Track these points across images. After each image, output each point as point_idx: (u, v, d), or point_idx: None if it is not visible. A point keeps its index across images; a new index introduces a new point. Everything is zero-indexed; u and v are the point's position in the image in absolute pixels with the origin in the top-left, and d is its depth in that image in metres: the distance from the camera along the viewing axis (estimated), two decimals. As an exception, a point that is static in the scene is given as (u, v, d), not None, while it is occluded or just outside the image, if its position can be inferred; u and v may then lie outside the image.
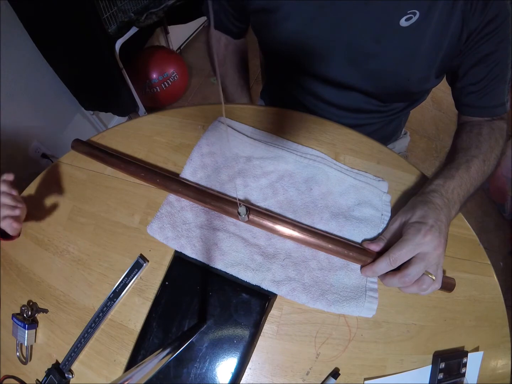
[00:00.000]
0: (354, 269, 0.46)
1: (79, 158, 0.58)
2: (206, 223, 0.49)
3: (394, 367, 0.44)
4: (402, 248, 0.40)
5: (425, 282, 0.40)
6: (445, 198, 0.44)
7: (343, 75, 0.56)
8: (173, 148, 0.57)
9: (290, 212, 0.50)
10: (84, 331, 0.47)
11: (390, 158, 0.55)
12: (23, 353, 0.49)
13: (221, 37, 0.69)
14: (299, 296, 0.44)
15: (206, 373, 0.42)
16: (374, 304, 0.45)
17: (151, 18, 1.18)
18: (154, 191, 0.53)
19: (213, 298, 0.44)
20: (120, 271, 0.49)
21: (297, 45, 0.54)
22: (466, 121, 0.56)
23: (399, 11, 0.46)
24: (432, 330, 0.46)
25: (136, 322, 0.47)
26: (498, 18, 0.45)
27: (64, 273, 0.51)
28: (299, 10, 0.51)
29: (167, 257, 0.49)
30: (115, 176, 0.56)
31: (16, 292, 0.52)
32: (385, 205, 0.51)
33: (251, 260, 0.46)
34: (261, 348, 0.44)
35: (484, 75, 0.50)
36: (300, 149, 0.55)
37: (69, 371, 0.47)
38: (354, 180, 0.52)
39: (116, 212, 0.53)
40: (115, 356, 0.46)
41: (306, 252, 0.48)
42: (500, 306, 0.48)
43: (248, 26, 0.67)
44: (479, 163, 0.48)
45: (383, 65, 0.52)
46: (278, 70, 0.71)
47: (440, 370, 0.44)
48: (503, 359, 0.47)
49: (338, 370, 0.44)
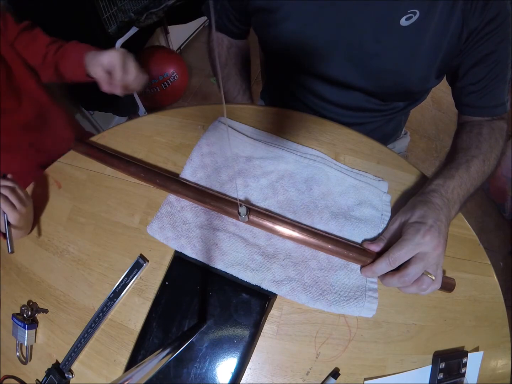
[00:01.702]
0: (354, 269, 0.46)
1: (79, 158, 0.58)
2: (206, 223, 0.49)
3: (394, 367, 0.44)
4: (401, 248, 0.40)
5: (425, 282, 0.40)
6: (445, 198, 0.44)
7: (343, 74, 0.56)
8: (173, 148, 0.57)
9: (290, 212, 0.50)
10: (84, 331, 0.47)
11: (390, 158, 0.55)
12: (23, 353, 0.49)
13: (223, 38, 0.69)
14: (299, 296, 0.45)
15: (206, 373, 0.42)
16: (374, 304, 0.45)
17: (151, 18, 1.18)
18: (154, 191, 0.53)
19: (213, 298, 0.44)
20: (120, 271, 0.49)
21: (297, 44, 0.54)
22: (466, 121, 0.56)
23: (399, 10, 0.46)
24: (432, 330, 0.46)
25: (136, 322, 0.47)
26: (498, 18, 0.45)
27: (64, 273, 0.51)
28: (299, 10, 0.51)
29: (167, 257, 0.49)
30: (115, 176, 0.56)
31: (16, 292, 0.52)
32: (385, 205, 0.51)
33: (251, 260, 0.46)
34: (261, 348, 0.44)
35: (484, 75, 0.50)
36: (300, 149, 0.55)
37: (69, 371, 0.47)
38: (354, 180, 0.52)
39: (116, 212, 0.53)
40: (115, 356, 0.46)
41: (306, 252, 0.48)
42: (500, 306, 0.48)
43: (249, 27, 0.67)
44: (479, 163, 0.48)
45: (384, 65, 0.52)
46: (279, 69, 0.71)
47: (440, 370, 0.44)
48: (503, 359, 0.47)
49: (338, 370, 0.44)
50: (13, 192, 0.49)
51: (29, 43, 0.66)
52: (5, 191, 0.48)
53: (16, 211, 0.48)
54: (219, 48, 0.70)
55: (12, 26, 0.65)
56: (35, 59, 0.68)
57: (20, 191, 0.50)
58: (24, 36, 0.66)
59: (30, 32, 0.67)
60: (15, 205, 0.48)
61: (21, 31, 0.65)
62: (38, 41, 0.67)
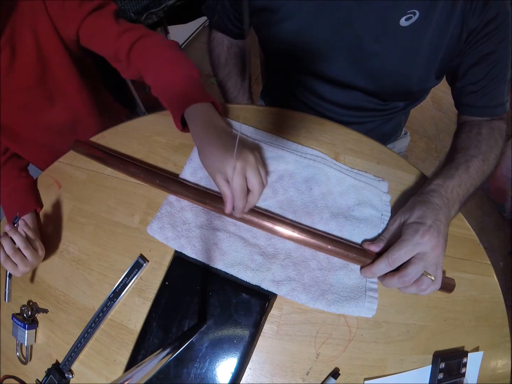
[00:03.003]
0: (354, 269, 0.46)
1: (79, 158, 0.58)
2: (206, 223, 0.49)
3: (394, 367, 0.44)
4: (400, 249, 0.40)
5: (424, 282, 0.40)
6: (445, 198, 0.44)
7: (343, 74, 0.56)
8: (173, 148, 0.57)
9: (290, 212, 0.50)
10: (84, 331, 0.47)
11: (390, 158, 0.55)
12: (23, 353, 0.49)
13: (224, 39, 0.69)
14: (299, 296, 0.45)
15: (206, 373, 0.42)
16: (374, 304, 0.45)
17: (151, 18, 1.18)
18: (154, 191, 0.53)
19: (213, 298, 0.44)
20: (120, 271, 0.49)
21: (297, 44, 0.54)
22: (465, 121, 0.56)
23: (399, 11, 0.46)
24: (432, 330, 0.46)
25: (136, 322, 0.47)
26: (498, 18, 0.45)
27: (64, 273, 0.51)
28: (300, 10, 0.51)
29: (167, 257, 0.49)
30: (115, 176, 0.56)
31: (16, 292, 0.52)
32: (385, 205, 0.51)
33: (251, 260, 0.46)
34: (261, 348, 0.44)
35: (484, 75, 0.50)
36: (300, 149, 0.55)
37: (69, 371, 0.47)
38: (354, 180, 0.52)
39: (116, 212, 0.53)
40: (115, 356, 0.46)
41: (306, 252, 0.48)
42: (500, 306, 0.48)
43: (250, 27, 0.67)
44: (478, 163, 0.48)
45: (384, 65, 0.52)
46: (279, 69, 0.71)
47: (440, 370, 0.44)
48: (503, 359, 0.47)
49: (338, 370, 0.44)
50: (23, 244, 0.46)
51: (96, 31, 0.54)
52: (8, 247, 0.45)
53: (22, 268, 0.47)
54: (219, 48, 0.70)
55: (74, 9, 0.52)
56: (106, 51, 0.56)
57: (30, 243, 0.47)
58: (91, 21, 0.53)
59: (99, 15, 0.53)
60: (21, 264, 0.46)
61: (88, 13, 0.52)
62: (106, 31, 0.54)
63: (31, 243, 0.48)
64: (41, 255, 0.50)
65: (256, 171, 0.41)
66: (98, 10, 0.54)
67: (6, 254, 0.45)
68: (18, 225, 0.48)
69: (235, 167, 0.39)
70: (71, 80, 0.61)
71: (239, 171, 0.40)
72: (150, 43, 0.55)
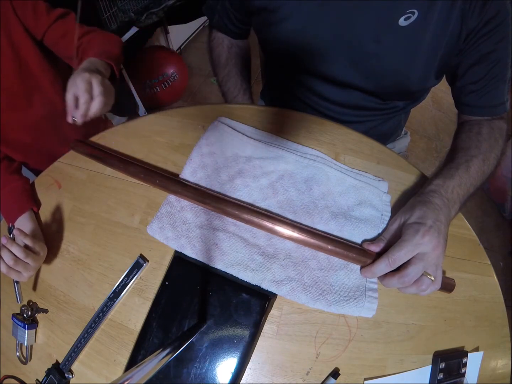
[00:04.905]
0: (354, 269, 0.46)
1: (79, 158, 0.58)
2: (206, 223, 0.49)
3: (394, 367, 0.44)
4: (401, 249, 0.40)
5: (424, 282, 0.40)
6: (445, 198, 0.44)
7: (343, 74, 0.56)
8: (173, 148, 0.57)
9: (290, 212, 0.50)
10: (84, 331, 0.47)
11: (390, 158, 0.55)
12: (23, 353, 0.49)
13: (224, 38, 0.70)
14: (299, 296, 0.45)
15: (206, 373, 0.42)
16: (374, 304, 0.45)
17: (151, 18, 1.18)
18: (154, 191, 0.53)
19: (213, 298, 0.44)
20: (120, 271, 0.49)
21: (297, 44, 0.54)
22: (466, 121, 0.56)
23: (398, 10, 0.46)
24: (432, 330, 0.46)
25: (136, 322, 0.47)
26: (497, 17, 0.45)
27: (64, 273, 0.51)
28: (299, 10, 0.51)
29: (167, 257, 0.49)
30: (115, 176, 0.56)
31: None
32: (385, 205, 0.51)
33: (251, 260, 0.46)
34: (261, 348, 0.44)
35: (484, 74, 0.50)
36: (300, 149, 0.55)
37: (69, 371, 0.47)
38: (354, 180, 0.52)
39: (116, 212, 0.53)
40: (115, 356, 0.46)
41: (306, 252, 0.48)
42: (500, 306, 0.48)
43: (250, 27, 0.67)
44: (478, 162, 0.48)
45: (383, 64, 0.52)
46: (279, 69, 0.71)
47: (440, 370, 0.44)
48: (503, 359, 0.47)
49: (338, 370, 0.44)
50: (22, 255, 0.46)
51: (63, 35, 0.61)
52: (9, 258, 0.45)
53: (26, 274, 0.47)
54: (219, 48, 0.70)
55: (44, 15, 0.59)
56: (68, 52, 0.62)
57: (30, 249, 0.47)
58: (57, 27, 0.60)
59: (64, 22, 0.61)
60: (24, 271, 0.47)
61: (55, 20, 0.60)
62: (71, 34, 0.59)
63: (30, 249, 0.48)
64: (42, 255, 0.50)
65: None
66: (63, 17, 0.62)
67: (8, 265, 0.46)
68: (13, 235, 0.49)
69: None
70: (44, 73, 0.65)
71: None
72: (96, 36, 0.64)
